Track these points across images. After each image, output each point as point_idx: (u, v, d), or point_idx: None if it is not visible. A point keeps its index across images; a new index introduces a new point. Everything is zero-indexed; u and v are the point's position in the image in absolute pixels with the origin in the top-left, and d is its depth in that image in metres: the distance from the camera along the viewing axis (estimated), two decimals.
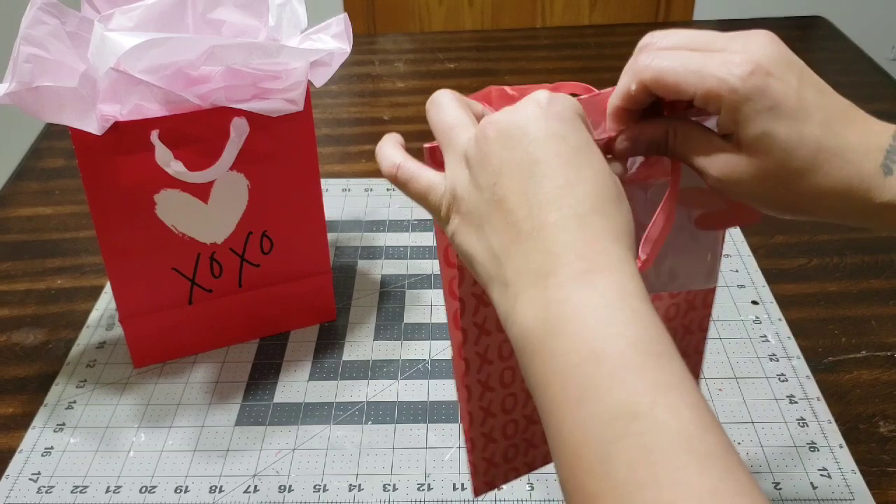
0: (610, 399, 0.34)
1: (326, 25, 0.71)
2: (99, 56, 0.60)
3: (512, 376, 0.53)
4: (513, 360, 0.52)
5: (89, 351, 0.79)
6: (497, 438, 0.55)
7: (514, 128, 0.40)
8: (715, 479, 0.31)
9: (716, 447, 0.32)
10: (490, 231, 0.40)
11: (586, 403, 0.34)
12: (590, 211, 0.38)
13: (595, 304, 0.36)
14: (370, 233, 0.95)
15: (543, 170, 0.39)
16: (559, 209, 0.38)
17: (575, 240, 0.38)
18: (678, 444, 0.32)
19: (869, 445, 0.69)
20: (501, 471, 0.57)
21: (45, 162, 1.11)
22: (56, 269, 0.90)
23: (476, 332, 0.50)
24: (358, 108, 1.25)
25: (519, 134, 0.40)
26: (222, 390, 0.75)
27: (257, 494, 0.66)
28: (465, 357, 0.51)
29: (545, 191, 0.38)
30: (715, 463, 0.32)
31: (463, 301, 0.49)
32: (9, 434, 0.71)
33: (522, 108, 0.40)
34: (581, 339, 0.35)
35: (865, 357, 0.78)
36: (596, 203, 0.39)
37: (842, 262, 0.90)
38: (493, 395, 0.53)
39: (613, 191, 0.40)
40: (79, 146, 0.65)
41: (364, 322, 0.82)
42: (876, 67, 1.33)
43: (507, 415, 0.54)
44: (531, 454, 0.58)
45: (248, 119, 0.68)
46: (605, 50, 1.42)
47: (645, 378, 0.34)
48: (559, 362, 0.36)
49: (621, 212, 0.39)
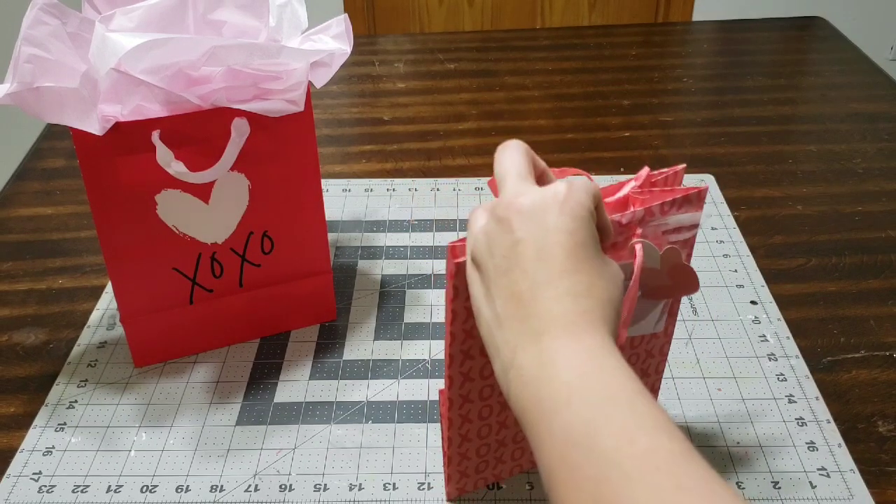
0: (592, 392, 0.41)
1: (327, 26, 0.72)
2: (100, 56, 0.60)
3: (489, 411, 0.60)
4: (491, 379, 0.59)
5: (90, 351, 0.80)
6: (471, 457, 0.63)
7: (534, 213, 0.47)
8: (676, 444, 0.39)
9: (675, 430, 0.40)
10: (496, 292, 0.47)
11: (572, 448, 0.40)
12: (583, 294, 0.45)
13: (580, 349, 0.43)
14: (370, 233, 0.95)
15: (547, 256, 0.45)
16: (556, 288, 0.45)
17: (567, 311, 0.44)
18: (649, 421, 0.40)
19: (868, 445, 0.69)
20: (472, 481, 0.65)
21: (46, 162, 1.11)
22: (57, 269, 0.91)
23: (461, 357, 0.56)
24: (358, 108, 1.26)
25: (537, 219, 0.46)
26: (223, 390, 0.75)
27: (258, 494, 0.66)
28: (449, 387, 0.58)
29: (545, 274, 0.45)
30: (677, 436, 0.39)
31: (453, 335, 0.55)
32: (10, 434, 0.72)
33: (542, 199, 0.47)
34: (562, 383, 0.42)
35: (864, 357, 0.78)
36: (589, 289, 0.45)
37: (841, 263, 0.90)
38: (471, 426, 0.60)
39: (607, 281, 0.47)
40: (80, 146, 0.66)
41: (364, 322, 0.83)
42: (875, 68, 1.34)
43: (481, 440, 0.62)
44: (499, 468, 0.65)
45: (248, 119, 0.69)
46: (604, 50, 1.42)
47: (626, 426, 0.40)
48: (555, 382, 0.43)
49: (611, 301, 0.46)
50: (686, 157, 1.10)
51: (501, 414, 0.61)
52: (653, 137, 1.15)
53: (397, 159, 1.11)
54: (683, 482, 0.37)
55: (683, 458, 0.39)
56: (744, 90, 1.27)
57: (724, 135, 1.15)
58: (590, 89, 1.29)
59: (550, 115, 1.21)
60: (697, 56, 1.42)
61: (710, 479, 0.38)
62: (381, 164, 1.10)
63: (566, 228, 0.46)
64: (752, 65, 1.37)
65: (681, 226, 0.56)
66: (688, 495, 0.37)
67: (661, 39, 1.49)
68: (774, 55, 1.43)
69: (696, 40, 1.49)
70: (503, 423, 0.61)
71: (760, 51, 1.44)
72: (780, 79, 1.31)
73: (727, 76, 1.33)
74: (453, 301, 0.53)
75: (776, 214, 0.98)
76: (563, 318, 0.44)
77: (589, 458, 0.39)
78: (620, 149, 1.12)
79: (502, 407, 0.60)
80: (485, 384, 0.58)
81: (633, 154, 1.11)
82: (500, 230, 0.47)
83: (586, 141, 1.15)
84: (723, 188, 1.02)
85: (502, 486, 0.66)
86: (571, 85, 1.30)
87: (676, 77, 1.33)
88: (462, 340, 0.55)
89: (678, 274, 0.58)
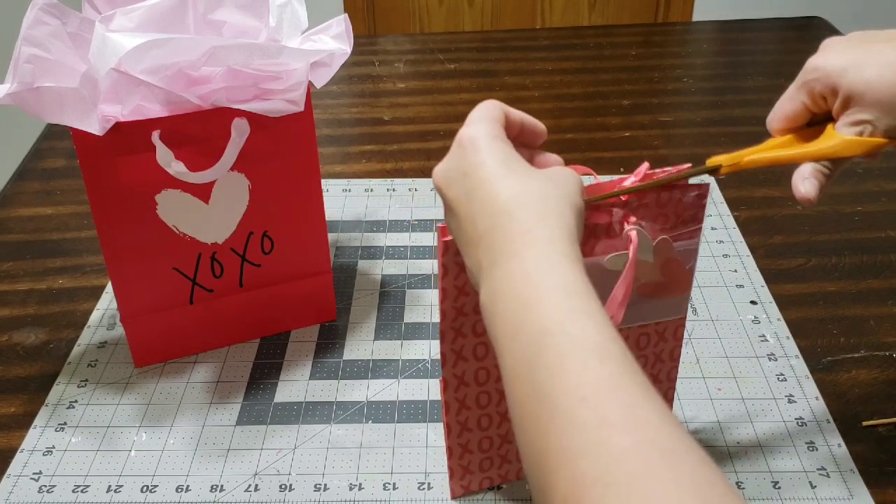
0: (530, 326, 0.42)
1: (327, 26, 0.72)
2: (100, 56, 0.60)
3: (488, 399, 0.61)
4: (485, 362, 0.59)
5: (90, 351, 0.80)
6: (473, 450, 0.62)
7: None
8: (612, 369, 0.39)
9: (615, 352, 0.40)
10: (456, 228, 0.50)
11: (517, 336, 0.42)
12: (524, 205, 0.46)
13: (523, 269, 0.44)
14: (370, 233, 0.95)
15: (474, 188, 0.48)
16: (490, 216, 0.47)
17: (508, 233, 0.46)
18: (583, 347, 0.40)
19: (867, 445, 0.69)
20: (476, 478, 0.64)
21: (47, 162, 1.11)
22: (57, 269, 0.91)
23: (454, 356, 0.58)
24: (358, 108, 1.26)
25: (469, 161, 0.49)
26: (223, 390, 0.75)
27: (258, 493, 0.66)
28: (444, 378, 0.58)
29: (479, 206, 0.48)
30: (614, 360, 0.40)
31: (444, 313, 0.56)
32: (10, 433, 0.72)
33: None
34: (512, 296, 0.44)
35: (864, 357, 0.78)
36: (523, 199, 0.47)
37: (840, 262, 0.90)
38: (469, 413, 0.60)
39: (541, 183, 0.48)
40: (80, 146, 0.66)
41: (364, 322, 0.83)
42: None
43: (482, 431, 0.62)
44: (504, 468, 0.65)
45: (248, 119, 0.69)
46: (604, 51, 1.42)
47: (559, 306, 0.42)
48: (502, 318, 0.44)
49: (547, 201, 0.47)
50: (686, 157, 1.10)
51: (501, 404, 0.61)
52: (652, 137, 1.15)
53: (397, 159, 1.11)
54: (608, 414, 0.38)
55: (607, 338, 0.40)
56: (744, 90, 1.27)
57: (724, 135, 1.15)
58: (590, 89, 1.29)
59: (550, 115, 1.21)
60: (697, 56, 1.42)
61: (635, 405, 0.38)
62: (381, 164, 1.10)
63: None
64: (752, 65, 1.37)
65: (680, 217, 0.56)
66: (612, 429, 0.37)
67: (661, 39, 1.49)
68: (774, 55, 1.43)
69: (696, 40, 1.49)
70: (504, 416, 0.61)
71: (760, 51, 1.44)
72: (780, 79, 1.30)
73: (727, 76, 1.33)
74: (444, 279, 0.54)
75: (776, 214, 0.98)
76: (504, 244, 0.45)
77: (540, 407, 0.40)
78: (620, 149, 1.12)
79: (501, 396, 0.60)
80: (479, 366, 0.58)
81: (632, 154, 1.11)
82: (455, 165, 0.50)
83: (586, 141, 1.15)
84: (723, 188, 1.02)
85: (502, 487, 0.66)
86: (571, 85, 1.30)
87: (676, 77, 1.33)
88: (453, 318, 0.56)
89: (670, 269, 0.58)
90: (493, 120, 0.51)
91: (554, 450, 0.38)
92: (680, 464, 0.36)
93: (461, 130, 0.50)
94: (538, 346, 0.41)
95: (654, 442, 0.36)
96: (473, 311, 0.56)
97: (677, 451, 0.36)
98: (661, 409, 0.38)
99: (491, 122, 0.51)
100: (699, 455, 0.36)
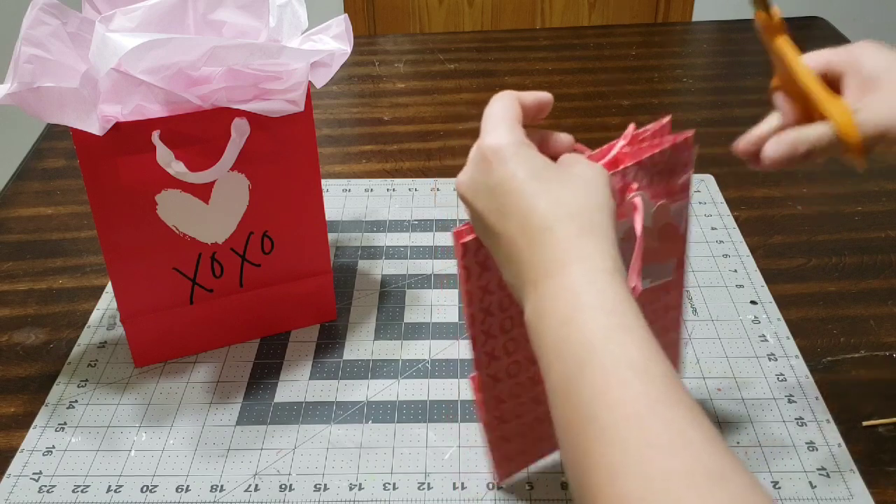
0: (572, 344, 0.42)
1: (327, 26, 0.72)
2: (100, 57, 0.60)
3: (521, 388, 0.60)
4: (516, 356, 0.59)
5: (90, 351, 0.80)
6: (511, 439, 0.62)
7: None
8: (654, 388, 0.39)
9: (656, 369, 0.40)
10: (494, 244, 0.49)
11: (560, 353, 0.43)
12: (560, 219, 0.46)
13: (564, 287, 0.44)
14: (370, 233, 0.95)
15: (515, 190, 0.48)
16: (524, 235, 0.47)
17: (547, 258, 0.46)
18: (625, 366, 0.40)
19: (867, 445, 0.69)
20: (517, 463, 0.65)
21: (47, 162, 1.11)
22: (57, 269, 0.91)
23: (483, 337, 0.57)
24: (358, 108, 1.26)
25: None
26: (223, 390, 0.75)
27: (258, 493, 0.66)
28: (480, 379, 0.58)
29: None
30: (654, 378, 0.40)
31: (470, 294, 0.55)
32: (10, 433, 0.72)
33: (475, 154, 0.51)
34: (555, 314, 0.44)
35: (864, 357, 0.78)
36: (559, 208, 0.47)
37: (840, 263, 0.90)
38: (505, 406, 0.60)
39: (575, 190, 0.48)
40: (80, 146, 0.66)
41: (364, 322, 0.83)
42: None
43: (518, 419, 0.62)
44: (539, 446, 0.65)
45: (248, 119, 0.69)
46: (604, 51, 1.42)
47: (599, 323, 0.42)
48: (546, 336, 0.44)
49: (584, 208, 0.47)
50: None
51: (533, 389, 0.60)
52: None
53: (397, 159, 1.11)
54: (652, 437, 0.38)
55: (648, 358, 0.41)
56: (744, 90, 1.27)
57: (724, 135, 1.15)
58: (590, 89, 1.29)
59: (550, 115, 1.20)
60: (697, 56, 1.42)
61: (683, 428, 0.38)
62: (381, 164, 1.10)
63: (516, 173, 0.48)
64: (752, 65, 1.36)
65: (673, 169, 0.56)
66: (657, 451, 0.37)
67: (661, 39, 1.49)
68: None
69: (696, 40, 1.49)
70: (537, 399, 0.61)
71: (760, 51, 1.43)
72: None
73: (727, 76, 1.33)
74: (467, 282, 0.53)
75: (776, 214, 0.98)
76: (545, 265, 0.46)
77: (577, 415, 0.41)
78: None
79: (532, 382, 0.60)
80: (510, 361, 0.58)
81: None
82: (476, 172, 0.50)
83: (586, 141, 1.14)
84: (723, 188, 1.02)
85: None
86: (571, 85, 1.30)
87: (676, 77, 1.33)
88: (481, 321, 0.55)
89: (667, 235, 0.58)
90: (513, 121, 0.50)
91: (597, 467, 0.38)
92: (728, 487, 0.35)
93: (482, 138, 0.49)
94: (580, 364, 0.41)
95: (700, 464, 0.36)
96: (499, 310, 0.55)
97: (725, 475, 0.35)
98: (707, 429, 0.38)
99: (511, 124, 0.50)
100: (748, 479, 0.36)
